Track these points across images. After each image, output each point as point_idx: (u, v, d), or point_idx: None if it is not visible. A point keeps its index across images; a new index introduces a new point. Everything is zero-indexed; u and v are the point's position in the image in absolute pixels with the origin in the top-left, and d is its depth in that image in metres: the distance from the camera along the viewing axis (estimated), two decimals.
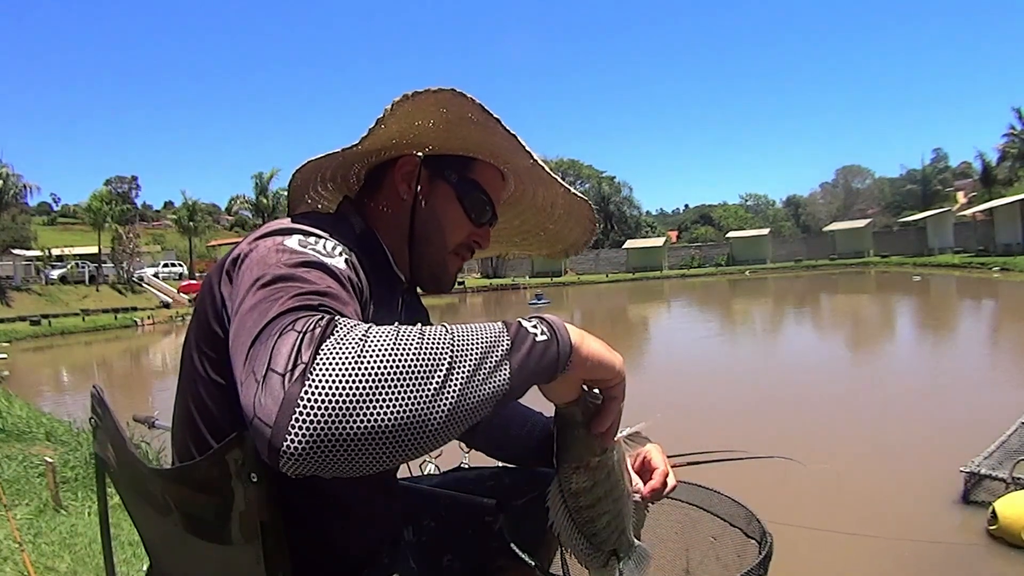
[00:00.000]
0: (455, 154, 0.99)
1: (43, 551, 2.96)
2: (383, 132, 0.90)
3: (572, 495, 0.84)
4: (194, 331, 0.84)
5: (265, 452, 0.55)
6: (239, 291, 0.73)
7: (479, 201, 1.00)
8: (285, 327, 0.60)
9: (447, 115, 0.88)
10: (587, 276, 47.53)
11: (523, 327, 0.69)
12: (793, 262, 44.26)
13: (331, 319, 0.61)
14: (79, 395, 10.50)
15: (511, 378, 0.65)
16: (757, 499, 1.03)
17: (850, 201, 59.94)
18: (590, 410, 0.78)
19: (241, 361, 0.63)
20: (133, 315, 30.78)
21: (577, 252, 1.21)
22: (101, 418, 1.07)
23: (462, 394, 0.60)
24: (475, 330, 0.65)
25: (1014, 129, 39.18)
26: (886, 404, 6.97)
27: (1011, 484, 3.77)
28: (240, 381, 0.61)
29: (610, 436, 0.81)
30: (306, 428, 0.53)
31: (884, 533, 3.80)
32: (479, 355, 0.63)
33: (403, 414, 0.56)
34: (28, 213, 53.39)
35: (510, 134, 0.88)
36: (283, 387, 0.55)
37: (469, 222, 1.01)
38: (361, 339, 0.58)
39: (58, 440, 5.52)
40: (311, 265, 0.73)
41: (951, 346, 11.77)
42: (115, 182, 77.19)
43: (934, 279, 27.10)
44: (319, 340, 0.58)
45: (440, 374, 0.59)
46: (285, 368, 0.56)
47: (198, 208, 46.43)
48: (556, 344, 0.70)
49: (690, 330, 16.78)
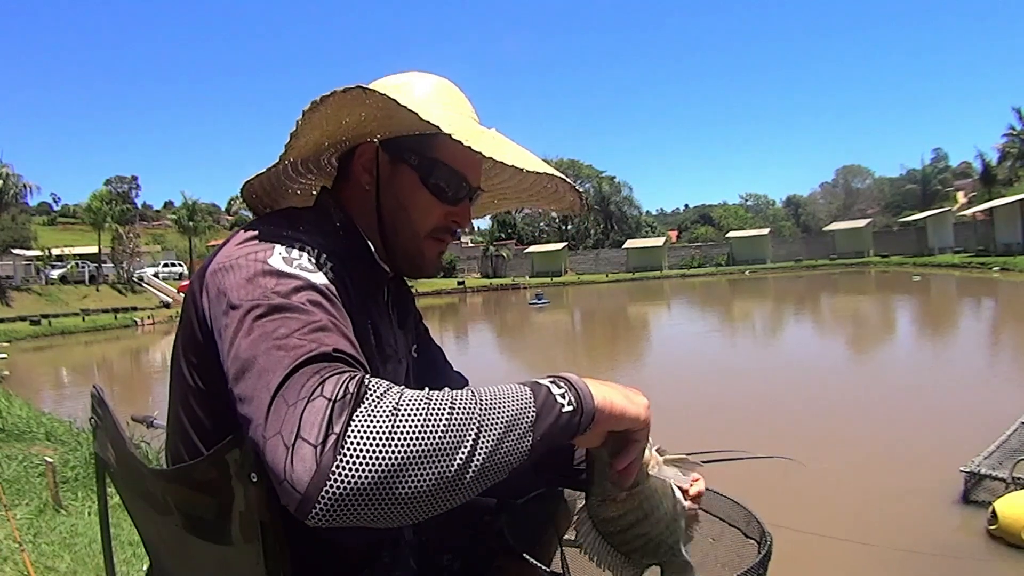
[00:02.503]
0: (415, 133, 0.91)
1: (43, 551, 2.96)
2: (311, 138, 0.88)
3: (602, 522, 0.87)
4: (180, 338, 0.84)
5: (292, 510, 0.58)
6: (226, 311, 0.72)
7: (448, 179, 0.94)
8: (313, 390, 0.61)
9: (375, 104, 0.83)
10: (587, 276, 47.52)
11: (551, 396, 0.69)
12: (793, 262, 44.26)
13: (360, 382, 0.61)
14: (79, 395, 10.50)
15: (532, 448, 0.66)
16: (757, 499, 1.03)
17: (850, 201, 59.96)
18: (615, 450, 0.81)
19: (261, 415, 0.62)
20: (133, 315, 30.79)
21: (579, 213, 1.15)
22: (101, 418, 1.07)
23: (485, 464, 0.62)
24: (503, 397, 0.66)
25: (1014, 129, 39.16)
26: (886, 404, 6.98)
27: (1011, 484, 3.77)
28: (263, 437, 0.61)
29: (630, 475, 0.82)
30: (336, 499, 0.56)
31: (884, 532, 3.80)
32: (504, 425, 0.64)
33: (429, 484, 0.58)
34: (28, 213, 53.55)
35: (432, 125, 0.79)
36: (316, 459, 0.57)
37: (440, 203, 0.95)
38: (393, 411, 0.60)
39: (58, 440, 5.52)
40: (302, 290, 0.72)
41: (951, 346, 11.77)
42: (115, 182, 77.25)
43: (934, 279, 27.10)
44: (351, 410, 0.59)
45: (467, 447, 0.61)
46: (317, 439, 0.57)
47: (198, 208, 46.51)
48: (580, 415, 0.71)
49: (690, 330, 16.78)
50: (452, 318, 27.09)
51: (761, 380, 9.11)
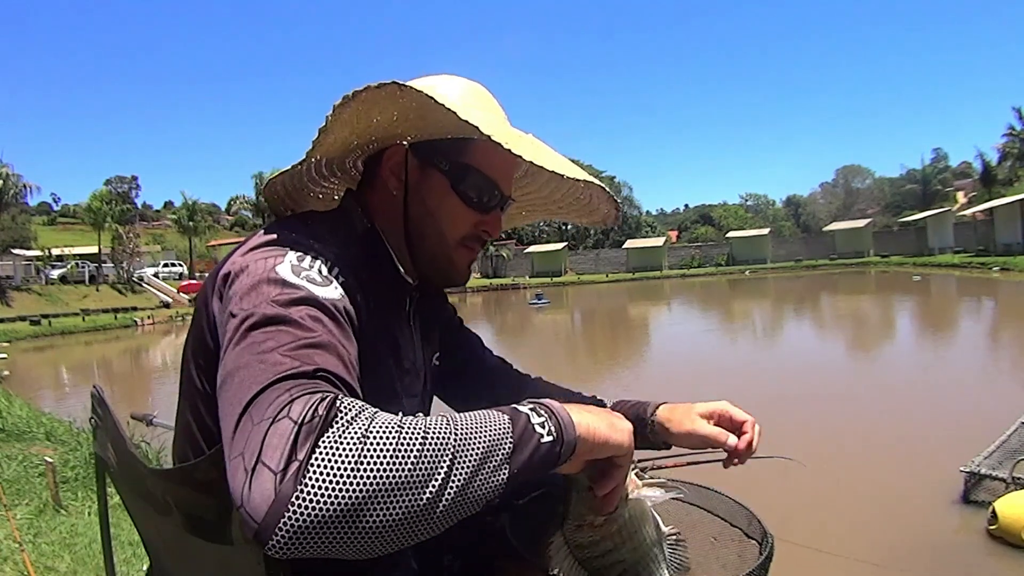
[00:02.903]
0: (448, 136, 0.88)
1: (43, 551, 2.96)
2: (340, 136, 0.85)
3: (578, 547, 0.84)
4: (190, 341, 0.83)
5: (251, 538, 0.55)
6: (228, 319, 0.70)
7: (479, 187, 0.91)
8: (280, 409, 0.58)
9: (407, 103, 0.80)
10: (587, 276, 47.53)
11: (530, 425, 0.66)
12: (793, 262, 44.26)
13: (330, 404, 0.58)
14: (79, 395, 10.50)
15: (508, 481, 0.63)
16: (757, 499, 1.03)
17: (850, 201, 59.96)
18: (595, 475, 0.78)
19: (229, 431, 0.60)
20: (133, 315, 30.77)
21: (614, 223, 1.09)
22: (101, 418, 1.07)
23: (457, 497, 0.59)
24: (479, 426, 0.63)
25: (1014, 129, 39.16)
26: (886, 403, 6.98)
27: (1011, 484, 3.77)
28: (227, 455, 0.59)
29: (612, 501, 0.79)
30: (295, 530, 0.53)
31: (883, 532, 3.81)
32: (480, 457, 0.61)
33: (396, 517, 0.56)
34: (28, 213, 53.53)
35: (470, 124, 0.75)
36: (274, 486, 0.53)
37: (470, 211, 0.91)
38: (361, 439, 0.56)
39: (58, 440, 5.52)
40: (303, 303, 0.70)
41: (951, 346, 11.77)
42: (115, 182, 77.24)
43: (934, 279, 27.10)
44: (316, 435, 0.55)
45: (439, 478, 0.58)
46: (277, 465, 0.54)
47: (198, 208, 46.40)
48: (560, 445, 0.68)
49: (690, 330, 16.78)
50: None
51: (761, 380, 9.10)
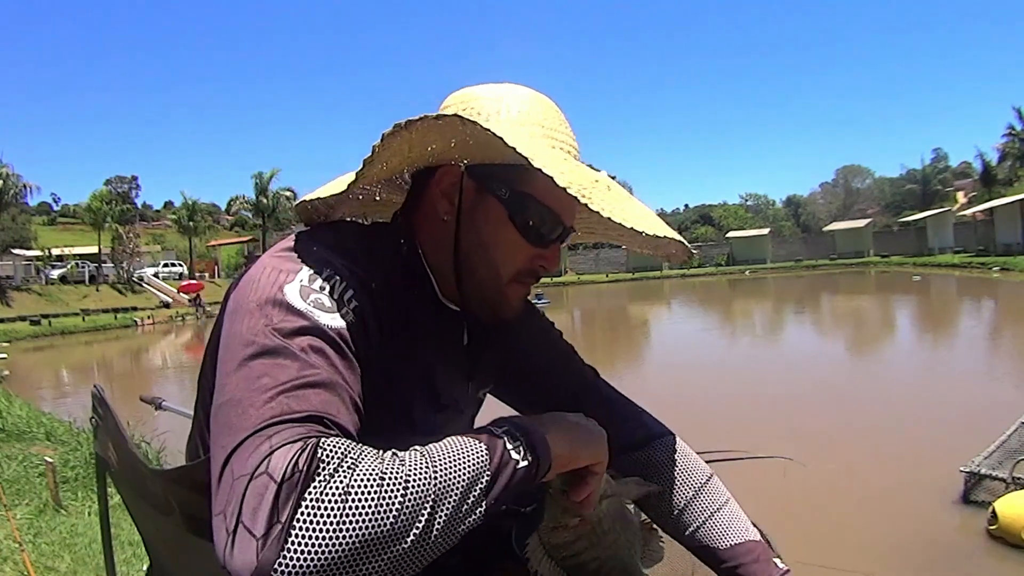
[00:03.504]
0: (507, 162, 0.77)
1: (43, 551, 2.96)
2: (390, 164, 0.79)
3: (554, 548, 0.84)
4: (211, 340, 0.81)
5: None
6: (230, 334, 0.70)
7: (540, 218, 0.82)
8: (259, 465, 0.57)
9: (466, 132, 0.73)
10: (587, 276, 47.51)
11: (506, 452, 0.66)
12: (793, 262, 44.25)
13: (311, 455, 0.57)
14: (79, 395, 10.50)
15: (486, 511, 0.64)
16: (757, 499, 1.03)
17: (850, 201, 59.98)
18: (569, 478, 0.78)
19: (215, 481, 0.60)
20: (133, 315, 30.79)
21: (678, 261, 0.99)
22: (102, 418, 1.07)
23: (438, 538, 0.60)
24: (458, 461, 0.63)
25: (1014, 129, 39.18)
26: (886, 403, 6.98)
27: (1011, 484, 3.78)
28: (213, 507, 0.59)
29: (588, 506, 0.79)
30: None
31: (883, 532, 3.81)
32: (459, 495, 0.62)
33: (380, 568, 0.56)
34: (28, 213, 53.53)
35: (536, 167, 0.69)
36: (256, 553, 0.54)
37: (528, 244, 0.83)
38: (343, 495, 0.56)
39: (58, 440, 5.53)
40: (305, 333, 0.67)
41: (951, 346, 11.78)
42: (115, 182, 77.15)
43: (934, 279, 27.11)
44: (297, 495, 0.55)
45: (420, 525, 0.58)
46: (259, 531, 0.54)
47: (198, 208, 46.43)
48: (535, 468, 0.68)
49: (689, 330, 16.78)
50: None
51: (761, 379, 9.11)
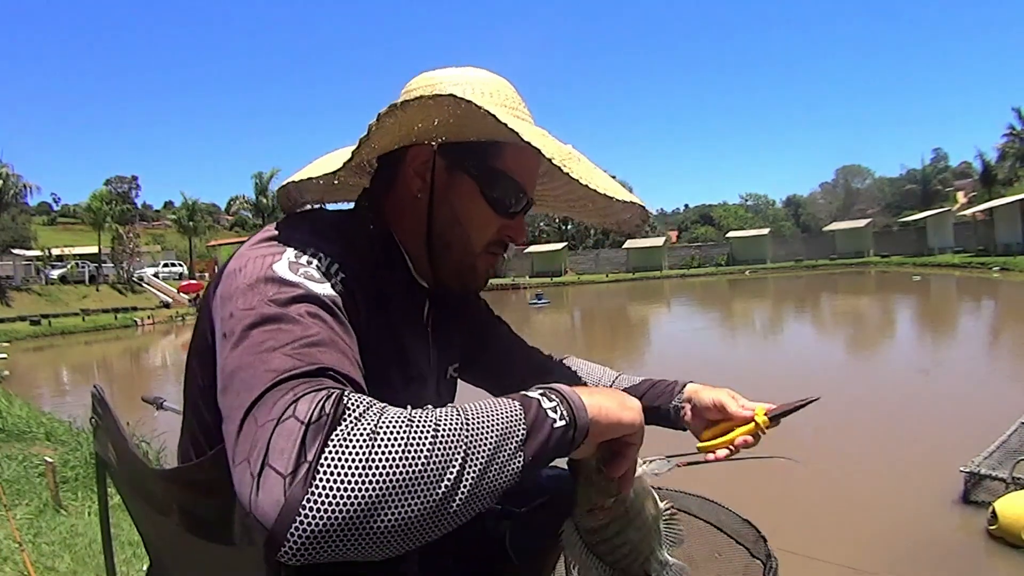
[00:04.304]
0: (482, 140, 0.85)
1: (43, 551, 2.96)
2: (380, 144, 0.82)
3: (588, 532, 0.84)
4: (194, 337, 0.82)
5: (262, 547, 0.53)
6: (224, 318, 0.70)
7: (508, 192, 0.88)
8: (285, 409, 0.56)
9: (452, 111, 0.78)
10: (587, 276, 47.50)
11: (542, 410, 0.65)
12: (793, 262, 44.22)
13: (337, 401, 0.57)
14: (79, 395, 10.50)
15: (523, 469, 0.62)
16: (756, 499, 1.03)
17: (850, 201, 59.96)
18: (605, 455, 0.77)
19: (233, 435, 0.59)
20: (133, 315, 30.80)
21: (629, 230, 1.06)
22: (102, 418, 1.07)
23: (473, 489, 0.58)
24: (491, 414, 0.62)
25: (1014, 129, 39.19)
26: (885, 404, 6.98)
27: (1011, 484, 3.77)
28: (232, 459, 0.57)
29: (627, 481, 0.79)
30: (307, 534, 0.52)
31: (883, 533, 3.81)
32: (493, 446, 0.60)
33: (410, 516, 0.54)
34: (28, 213, 53.44)
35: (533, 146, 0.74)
36: (284, 490, 0.52)
37: (497, 216, 0.89)
38: (371, 435, 0.55)
39: (58, 440, 5.53)
40: (301, 300, 0.69)
41: (951, 346, 11.77)
42: (115, 182, 77.18)
43: (934, 279, 27.10)
44: (325, 435, 0.54)
45: (452, 473, 0.56)
46: (286, 468, 0.53)
47: (198, 208, 46.45)
48: (574, 429, 0.67)
49: (690, 330, 16.77)
50: None
51: (760, 379, 9.10)
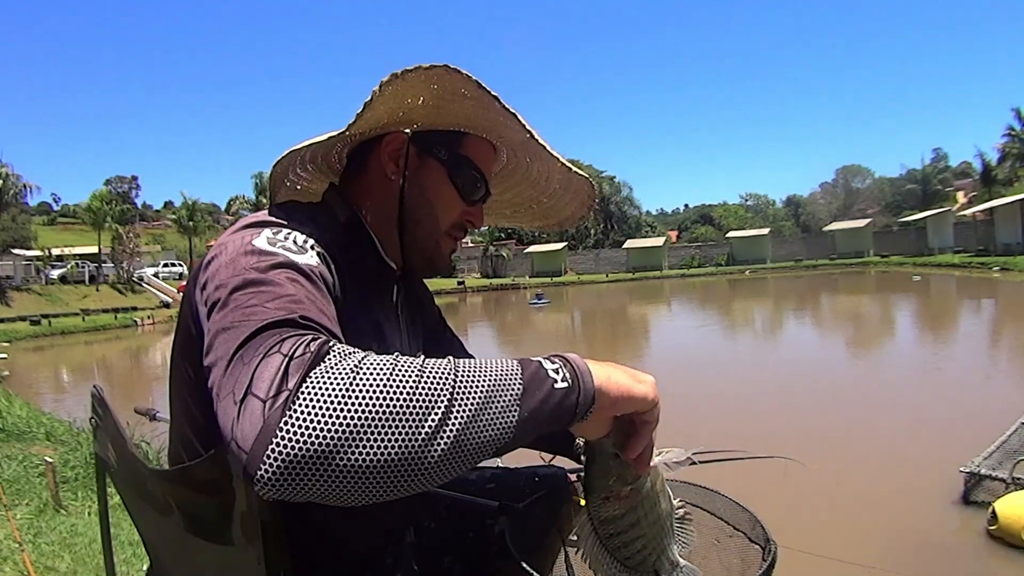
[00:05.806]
0: (445, 129, 0.94)
1: (43, 551, 2.96)
2: (372, 114, 0.86)
3: (602, 523, 0.81)
4: (178, 334, 0.82)
5: (240, 475, 0.53)
6: (208, 294, 0.71)
7: (471, 178, 0.96)
8: (271, 347, 0.57)
9: (438, 91, 0.84)
10: (587, 276, 47.49)
11: (542, 369, 0.64)
12: (793, 262, 44.21)
13: (323, 342, 0.58)
14: (79, 395, 10.50)
15: (518, 425, 0.60)
16: (756, 499, 1.03)
17: (850, 201, 59.92)
18: (621, 438, 0.75)
19: (220, 375, 0.59)
20: (133, 315, 30.75)
21: (571, 226, 1.18)
22: (102, 418, 1.07)
23: (458, 437, 0.56)
24: (483, 367, 0.61)
25: (1014, 129, 39.12)
26: (886, 403, 6.98)
27: (1011, 484, 3.78)
28: (217, 396, 0.58)
29: (644, 462, 0.77)
30: (282, 459, 0.51)
31: (883, 533, 3.81)
32: (483, 396, 0.58)
33: (389, 455, 0.53)
34: (28, 213, 53.52)
35: (509, 111, 0.84)
36: (263, 413, 0.53)
37: (461, 201, 0.96)
38: (353, 370, 0.55)
39: (58, 440, 5.53)
40: (282, 266, 0.70)
41: (951, 346, 11.76)
42: (115, 182, 77.24)
43: (934, 279, 27.09)
44: (308, 366, 0.55)
45: (436, 414, 0.55)
46: (267, 393, 0.53)
47: (198, 208, 46.45)
48: (577, 393, 0.65)
49: (690, 330, 16.77)
50: (452, 318, 26.77)
51: (760, 379, 9.11)
